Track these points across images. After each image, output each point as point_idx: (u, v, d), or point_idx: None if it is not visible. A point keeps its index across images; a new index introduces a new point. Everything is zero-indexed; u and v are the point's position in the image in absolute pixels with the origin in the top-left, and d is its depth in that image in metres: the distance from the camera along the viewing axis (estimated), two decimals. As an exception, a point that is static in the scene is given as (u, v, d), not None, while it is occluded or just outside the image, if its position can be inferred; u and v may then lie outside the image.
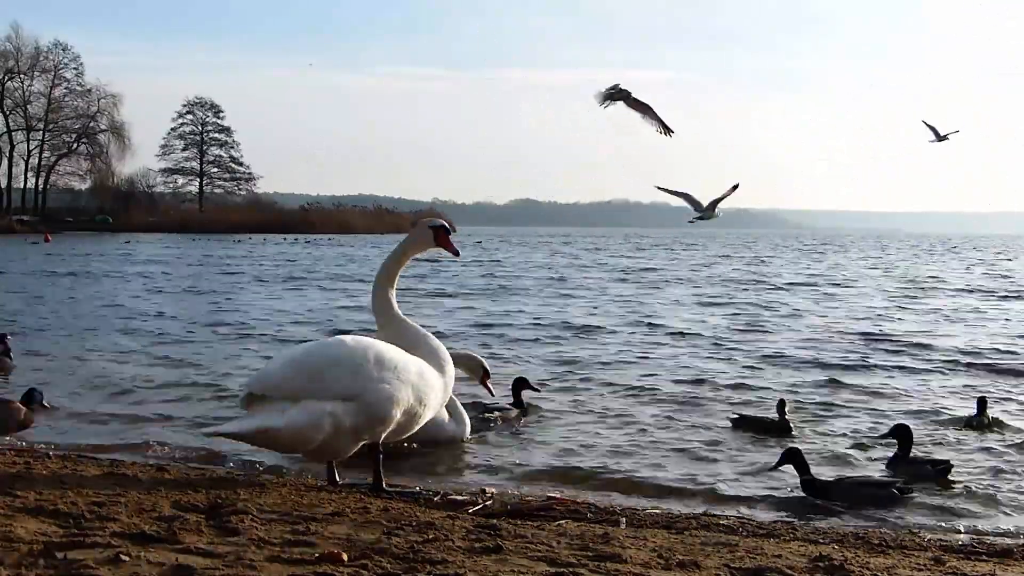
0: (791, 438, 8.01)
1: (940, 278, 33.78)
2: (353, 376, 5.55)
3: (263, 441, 5.68)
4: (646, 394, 10.15)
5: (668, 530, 5.22)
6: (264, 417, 5.50)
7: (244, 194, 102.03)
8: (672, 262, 46.57)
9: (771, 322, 17.97)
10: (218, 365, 11.68)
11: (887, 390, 10.59)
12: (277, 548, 4.10)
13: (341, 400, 5.51)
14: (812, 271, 38.70)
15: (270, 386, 5.58)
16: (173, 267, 35.86)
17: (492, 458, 7.35)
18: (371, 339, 5.90)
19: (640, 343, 14.67)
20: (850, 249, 74.14)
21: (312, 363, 5.62)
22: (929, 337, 15.46)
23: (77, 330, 15.26)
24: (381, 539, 4.34)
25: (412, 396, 5.71)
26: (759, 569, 4.16)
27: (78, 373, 10.98)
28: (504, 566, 3.99)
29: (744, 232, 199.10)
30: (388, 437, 5.84)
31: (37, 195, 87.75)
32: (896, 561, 4.58)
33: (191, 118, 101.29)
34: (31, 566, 3.68)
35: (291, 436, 5.50)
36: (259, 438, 5.62)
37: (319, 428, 5.48)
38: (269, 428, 5.46)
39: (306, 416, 5.46)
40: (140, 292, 23.97)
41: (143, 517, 4.62)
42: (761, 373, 11.77)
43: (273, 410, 5.50)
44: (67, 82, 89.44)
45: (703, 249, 68.87)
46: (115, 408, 9.03)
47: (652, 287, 27.97)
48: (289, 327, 16.28)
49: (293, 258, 44.35)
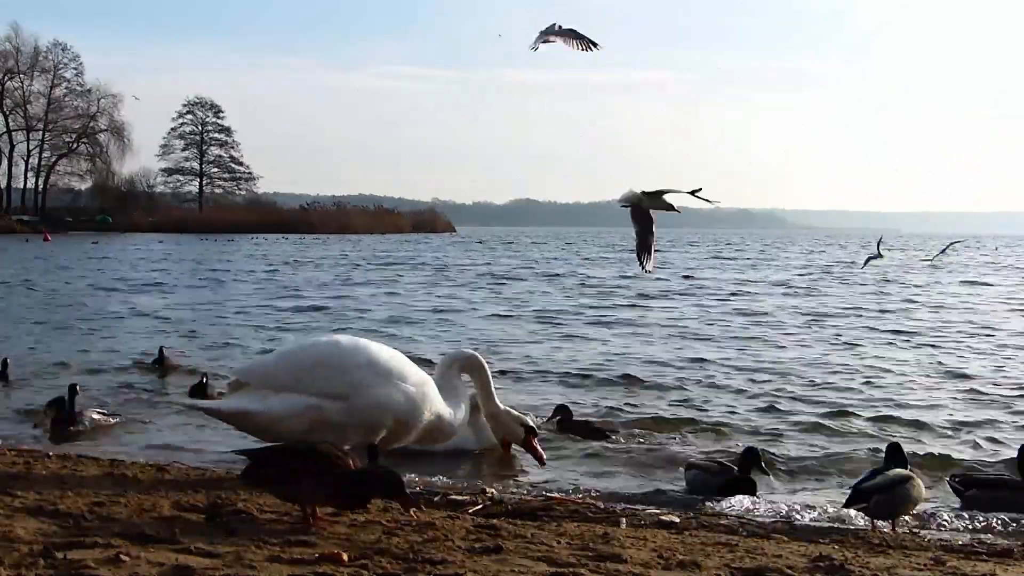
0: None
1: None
2: (341, 376, 5.59)
3: (240, 423, 5.76)
4: (636, 391, 10.16)
5: (668, 530, 5.22)
6: (244, 400, 5.63)
7: (244, 194, 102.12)
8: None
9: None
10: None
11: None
12: (277, 548, 4.10)
13: (328, 398, 5.55)
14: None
15: (257, 374, 5.74)
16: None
17: (492, 458, 7.35)
18: (368, 341, 5.92)
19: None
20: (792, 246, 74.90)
21: (302, 359, 5.70)
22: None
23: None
24: (381, 539, 4.34)
25: (406, 405, 5.70)
26: (759, 569, 4.16)
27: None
28: (504, 566, 3.99)
29: (744, 232, 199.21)
30: (386, 442, 5.84)
31: (37, 195, 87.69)
32: (896, 561, 4.58)
33: (191, 118, 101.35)
34: (31, 566, 3.68)
35: (267, 422, 5.58)
36: (236, 419, 5.72)
37: (298, 420, 5.55)
38: (247, 411, 5.59)
39: (285, 406, 5.54)
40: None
41: (143, 517, 4.62)
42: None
43: (255, 396, 5.62)
44: (67, 82, 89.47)
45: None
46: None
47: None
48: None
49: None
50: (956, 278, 34.34)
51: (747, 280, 31.76)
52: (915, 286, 29.33)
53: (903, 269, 38.80)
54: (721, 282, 30.17)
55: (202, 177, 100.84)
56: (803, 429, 8.62)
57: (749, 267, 41.54)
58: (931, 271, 37.58)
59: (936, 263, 9.64)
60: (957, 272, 37.51)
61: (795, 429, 8.63)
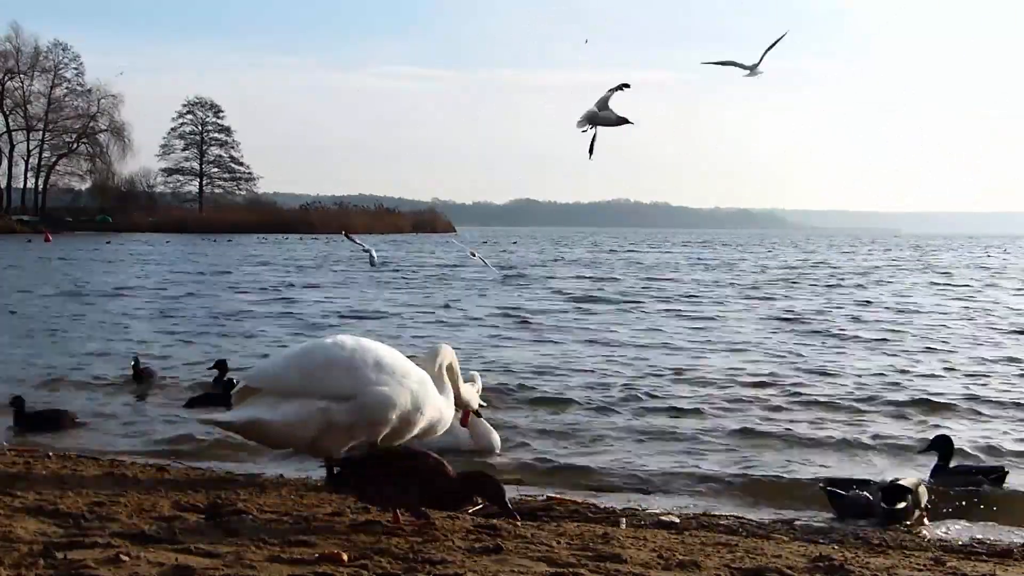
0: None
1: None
2: (350, 377, 5.59)
3: (254, 433, 5.75)
4: (643, 395, 10.16)
5: (668, 530, 5.22)
6: (257, 409, 5.59)
7: (244, 194, 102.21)
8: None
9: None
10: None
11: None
12: (277, 548, 4.10)
13: (337, 399, 5.56)
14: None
15: (267, 382, 5.69)
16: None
17: (491, 458, 7.35)
18: (372, 341, 5.93)
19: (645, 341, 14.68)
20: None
21: (310, 362, 5.68)
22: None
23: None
24: (381, 539, 4.34)
25: (409, 401, 5.74)
26: (759, 569, 4.16)
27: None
28: (504, 566, 3.99)
29: (745, 232, 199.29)
30: (385, 440, 5.86)
31: (37, 195, 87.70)
32: (896, 561, 4.58)
33: (191, 118, 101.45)
34: (31, 566, 3.68)
35: (282, 430, 5.58)
36: (251, 430, 5.70)
37: (310, 424, 5.55)
38: (261, 420, 5.55)
39: (298, 412, 5.53)
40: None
41: (143, 517, 4.62)
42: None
43: (266, 404, 5.59)
44: (67, 82, 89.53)
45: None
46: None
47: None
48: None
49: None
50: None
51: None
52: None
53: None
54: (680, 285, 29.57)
55: (202, 177, 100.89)
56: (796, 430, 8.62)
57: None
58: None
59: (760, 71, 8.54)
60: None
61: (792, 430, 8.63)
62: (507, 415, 8.88)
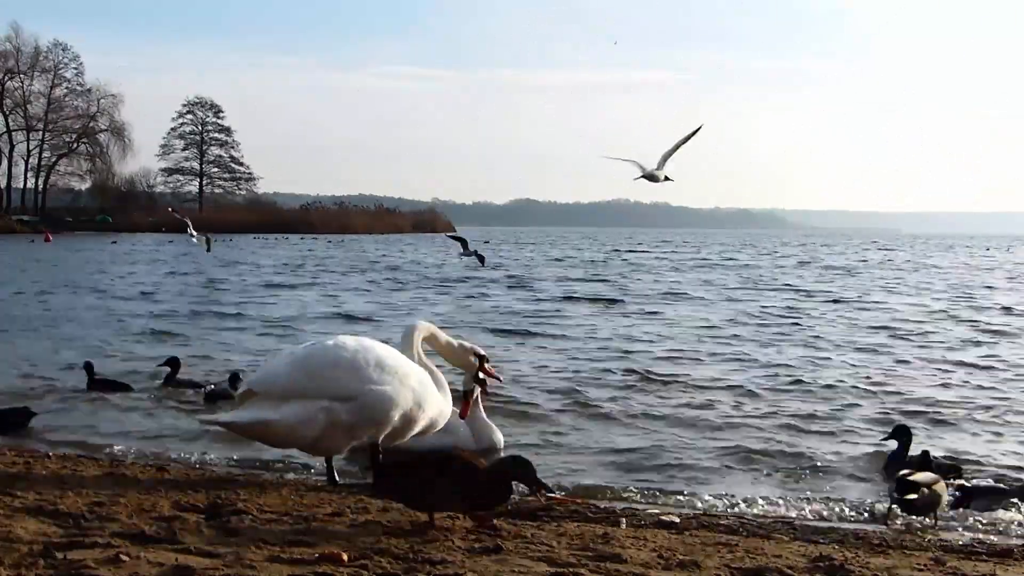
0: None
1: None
2: (353, 377, 5.63)
3: (258, 433, 5.79)
4: (640, 393, 10.16)
5: (668, 530, 5.22)
6: (260, 411, 5.63)
7: (244, 194, 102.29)
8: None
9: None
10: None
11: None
12: (277, 548, 4.11)
13: (340, 399, 5.59)
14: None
15: (271, 384, 5.71)
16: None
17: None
18: (373, 341, 5.95)
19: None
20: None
21: (313, 364, 5.71)
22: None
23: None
24: (381, 539, 4.34)
25: (411, 400, 5.78)
26: (759, 569, 4.16)
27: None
28: (504, 566, 3.99)
29: (745, 232, 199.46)
30: (387, 439, 5.88)
31: (37, 195, 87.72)
32: (896, 561, 4.58)
33: (191, 118, 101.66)
34: (31, 566, 3.68)
35: (285, 430, 5.62)
36: (254, 430, 5.75)
37: (313, 424, 5.59)
38: (264, 421, 5.60)
39: (301, 412, 5.57)
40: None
41: (143, 517, 4.62)
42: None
43: (269, 405, 5.62)
44: (67, 82, 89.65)
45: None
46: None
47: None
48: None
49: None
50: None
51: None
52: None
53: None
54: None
55: (202, 177, 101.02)
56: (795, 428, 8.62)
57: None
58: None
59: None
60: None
61: (790, 428, 8.63)
62: (506, 418, 8.88)
